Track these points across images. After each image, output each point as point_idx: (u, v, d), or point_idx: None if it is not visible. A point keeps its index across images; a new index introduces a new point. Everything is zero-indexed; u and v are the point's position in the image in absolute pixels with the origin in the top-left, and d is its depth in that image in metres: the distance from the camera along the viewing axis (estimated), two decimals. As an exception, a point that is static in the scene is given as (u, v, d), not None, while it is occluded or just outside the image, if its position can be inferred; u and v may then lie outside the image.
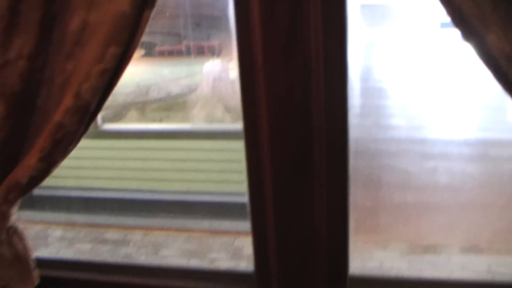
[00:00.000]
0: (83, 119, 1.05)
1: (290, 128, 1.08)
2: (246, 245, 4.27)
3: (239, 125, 4.70)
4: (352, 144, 1.14)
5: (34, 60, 1.04)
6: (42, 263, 1.39)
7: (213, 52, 6.86)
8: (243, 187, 4.72)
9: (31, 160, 1.09)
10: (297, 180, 1.15)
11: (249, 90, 1.10)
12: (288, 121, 1.08)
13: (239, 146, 4.74)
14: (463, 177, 5.00)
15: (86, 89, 1.00)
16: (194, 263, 4.11)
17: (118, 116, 5.65)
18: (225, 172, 4.54)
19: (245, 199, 4.69)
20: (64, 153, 1.11)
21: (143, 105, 6.07)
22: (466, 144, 5.78)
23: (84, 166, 4.56)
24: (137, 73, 6.42)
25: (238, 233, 4.42)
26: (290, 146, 1.10)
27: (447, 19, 0.91)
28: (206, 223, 4.49)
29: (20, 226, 1.29)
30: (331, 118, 1.06)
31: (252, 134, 1.17)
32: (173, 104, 6.25)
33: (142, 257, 4.22)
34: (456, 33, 0.91)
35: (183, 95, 5.87)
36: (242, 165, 4.66)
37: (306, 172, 1.12)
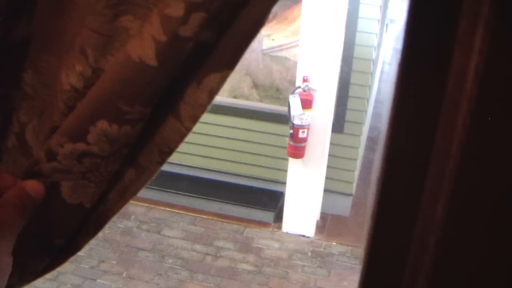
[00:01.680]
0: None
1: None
2: (257, 236, 3.94)
3: (265, 105, 4.20)
4: None
5: None
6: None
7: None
8: (258, 170, 4.30)
9: None
10: None
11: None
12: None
13: (263, 127, 4.30)
14: None
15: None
16: (198, 249, 3.78)
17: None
18: (243, 153, 4.17)
19: (257, 183, 4.27)
20: None
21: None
22: None
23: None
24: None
25: (249, 221, 4.09)
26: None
27: None
28: (215, 206, 4.14)
29: None
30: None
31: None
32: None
33: (143, 234, 3.88)
34: None
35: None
36: (262, 148, 4.21)
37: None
